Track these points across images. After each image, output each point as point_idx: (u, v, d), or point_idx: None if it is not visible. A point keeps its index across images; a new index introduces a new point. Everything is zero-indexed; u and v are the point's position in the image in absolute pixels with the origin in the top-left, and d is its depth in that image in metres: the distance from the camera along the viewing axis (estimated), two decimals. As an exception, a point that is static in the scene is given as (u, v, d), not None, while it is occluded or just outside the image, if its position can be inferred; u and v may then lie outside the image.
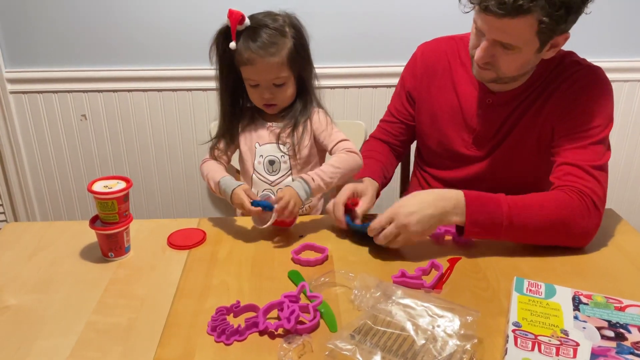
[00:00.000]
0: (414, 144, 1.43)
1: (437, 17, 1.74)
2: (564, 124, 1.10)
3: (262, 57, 1.12)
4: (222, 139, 1.25)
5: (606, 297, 0.85)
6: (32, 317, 0.87)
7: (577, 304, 0.83)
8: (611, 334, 0.77)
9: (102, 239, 1.02)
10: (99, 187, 0.99)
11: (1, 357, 0.78)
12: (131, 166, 1.99)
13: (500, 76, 1.09)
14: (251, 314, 0.86)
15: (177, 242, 1.09)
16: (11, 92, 1.85)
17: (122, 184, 1.01)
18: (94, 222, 1.02)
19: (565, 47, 1.07)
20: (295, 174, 1.24)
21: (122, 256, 1.04)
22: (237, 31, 1.10)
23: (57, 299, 0.91)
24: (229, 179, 1.15)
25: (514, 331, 0.77)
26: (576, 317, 0.80)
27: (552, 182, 1.09)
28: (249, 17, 1.12)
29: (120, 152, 1.97)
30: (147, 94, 1.88)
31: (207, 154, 1.26)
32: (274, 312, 0.85)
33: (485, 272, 0.98)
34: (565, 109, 1.10)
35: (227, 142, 1.25)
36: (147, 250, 1.07)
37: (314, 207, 1.34)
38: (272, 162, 1.24)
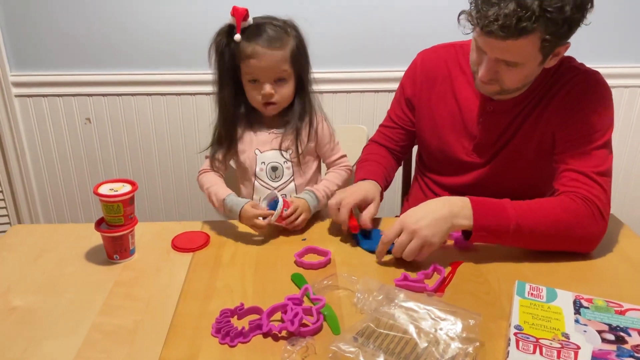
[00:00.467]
0: (415, 148, 1.43)
1: (438, 23, 1.75)
2: (565, 130, 1.10)
3: (267, 50, 1.13)
4: (221, 147, 1.24)
5: (607, 300, 0.86)
6: (38, 318, 0.87)
7: (578, 307, 0.84)
8: (611, 337, 0.78)
9: (108, 242, 1.03)
10: (104, 190, 1.00)
11: (8, 357, 0.79)
12: (135, 169, 2.00)
13: (504, 89, 1.08)
14: (255, 316, 0.87)
15: (182, 244, 1.10)
16: (16, 96, 1.86)
17: (127, 187, 1.02)
18: (100, 224, 1.03)
19: (566, 53, 1.08)
20: (297, 179, 1.25)
21: (127, 258, 1.05)
22: (241, 28, 1.11)
23: (63, 300, 0.92)
24: (234, 197, 1.16)
25: (515, 334, 0.78)
26: (577, 321, 0.81)
27: (554, 187, 1.09)
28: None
29: (124, 155, 1.97)
30: (151, 98, 1.89)
31: (205, 163, 1.26)
32: (278, 315, 0.86)
33: (486, 276, 0.99)
34: (565, 114, 1.10)
35: (225, 149, 1.24)
36: (152, 252, 1.08)
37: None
38: (274, 169, 1.24)
